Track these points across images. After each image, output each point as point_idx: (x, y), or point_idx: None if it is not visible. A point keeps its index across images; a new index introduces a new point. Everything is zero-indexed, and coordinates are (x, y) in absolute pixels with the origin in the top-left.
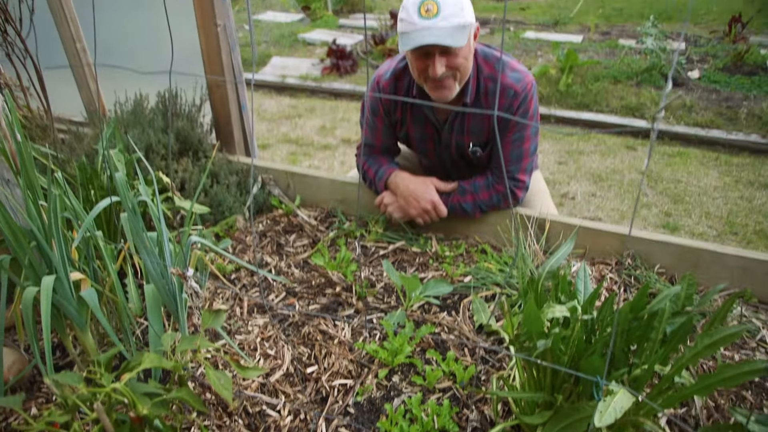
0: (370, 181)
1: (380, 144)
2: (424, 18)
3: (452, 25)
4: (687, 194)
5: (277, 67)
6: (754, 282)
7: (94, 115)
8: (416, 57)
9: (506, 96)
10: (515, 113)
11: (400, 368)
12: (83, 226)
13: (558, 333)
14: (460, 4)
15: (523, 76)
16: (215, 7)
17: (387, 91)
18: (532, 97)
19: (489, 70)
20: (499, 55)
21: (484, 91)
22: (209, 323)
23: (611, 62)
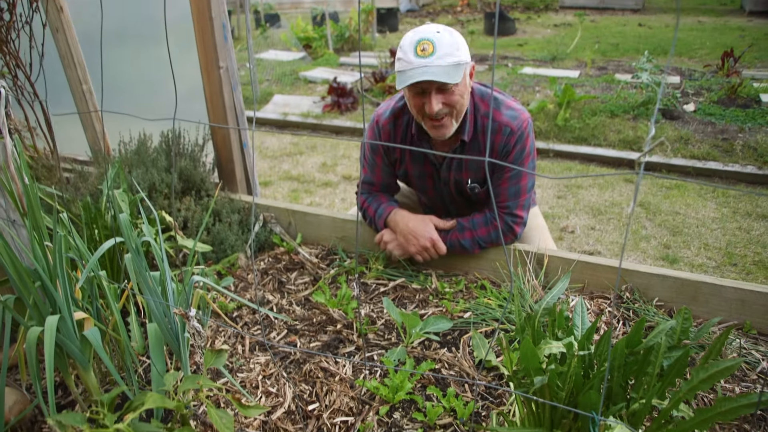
0: (370, 219)
1: (379, 182)
2: (420, 57)
3: (447, 64)
4: (685, 226)
5: (278, 104)
6: (752, 314)
7: (99, 154)
8: (413, 95)
9: (503, 133)
10: (512, 150)
11: (401, 405)
12: (88, 266)
13: (554, 369)
14: (456, 44)
15: (519, 114)
16: (218, 50)
17: (386, 130)
18: (528, 135)
19: (485, 108)
20: (495, 93)
21: (481, 129)
22: (211, 363)
23: (608, 96)
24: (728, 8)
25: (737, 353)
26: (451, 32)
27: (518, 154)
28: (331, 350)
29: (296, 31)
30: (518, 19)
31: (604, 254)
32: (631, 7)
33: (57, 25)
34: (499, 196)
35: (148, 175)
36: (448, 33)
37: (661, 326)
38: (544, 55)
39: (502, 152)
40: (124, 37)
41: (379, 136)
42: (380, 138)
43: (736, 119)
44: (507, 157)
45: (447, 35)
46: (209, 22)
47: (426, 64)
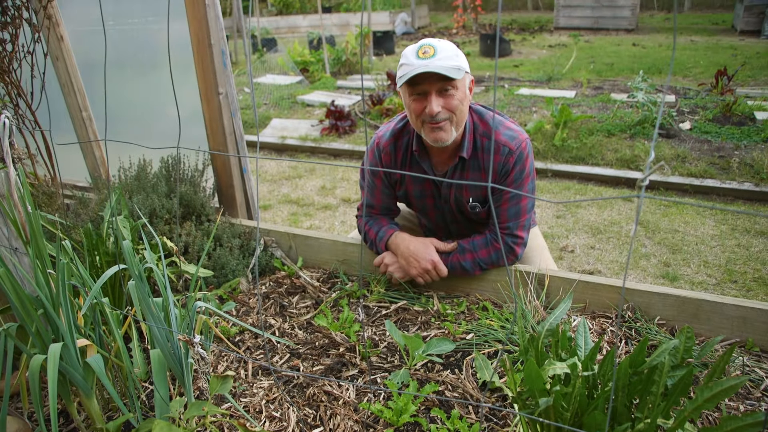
0: (371, 242)
1: (379, 204)
2: (421, 58)
3: (447, 65)
4: (685, 244)
5: (276, 128)
6: (754, 331)
7: (99, 181)
8: (414, 99)
9: (501, 153)
10: (511, 171)
11: (406, 428)
12: (91, 293)
13: (559, 390)
14: (456, 51)
15: (518, 135)
16: (217, 77)
17: (387, 151)
18: (527, 156)
19: (484, 128)
20: (493, 114)
21: (480, 147)
22: (217, 389)
23: (604, 116)
24: (720, 27)
25: (740, 371)
26: (452, 43)
27: (518, 174)
28: (334, 374)
29: (293, 56)
30: (513, 41)
31: (604, 273)
32: (624, 27)
33: (57, 54)
34: (500, 216)
35: (148, 201)
36: (448, 43)
37: (664, 345)
38: (540, 75)
39: (501, 172)
40: (123, 64)
41: (379, 158)
42: (381, 160)
43: (731, 137)
44: (506, 177)
45: (448, 43)
46: (208, 49)
47: (427, 63)
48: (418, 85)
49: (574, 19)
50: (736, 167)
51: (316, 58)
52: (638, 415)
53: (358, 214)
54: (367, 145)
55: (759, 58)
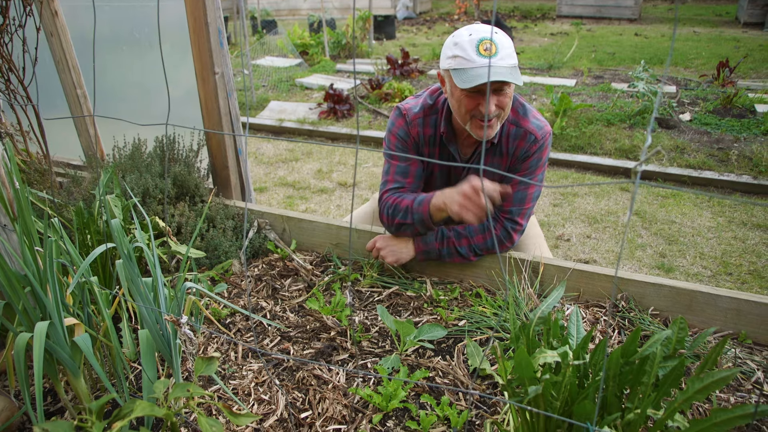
0: (405, 210)
1: (411, 182)
2: (484, 56)
3: (510, 65)
4: (681, 235)
5: (274, 111)
6: (748, 323)
7: (93, 159)
8: (468, 96)
9: (527, 140)
10: (530, 157)
11: (395, 413)
12: (79, 271)
13: (549, 379)
14: (511, 46)
15: (544, 125)
16: (213, 56)
17: (416, 124)
18: (547, 146)
19: (513, 115)
20: (522, 101)
21: (506, 133)
22: (202, 370)
23: (604, 105)
24: (723, 19)
25: (732, 363)
26: (503, 34)
27: (534, 162)
28: (324, 358)
29: (293, 38)
30: (515, 28)
31: (599, 263)
32: (627, 17)
33: (51, 30)
34: (505, 200)
35: (141, 181)
36: (502, 34)
37: (656, 336)
38: (541, 63)
39: (521, 157)
40: (120, 42)
41: (408, 129)
42: (409, 131)
43: (731, 129)
44: (524, 162)
45: (503, 36)
46: (205, 28)
47: (492, 64)
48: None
49: (576, 8)
50: (734, 159)
51: (315, 41)
52: (629, 405)
53: (386, 188)
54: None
55: (762, 50)
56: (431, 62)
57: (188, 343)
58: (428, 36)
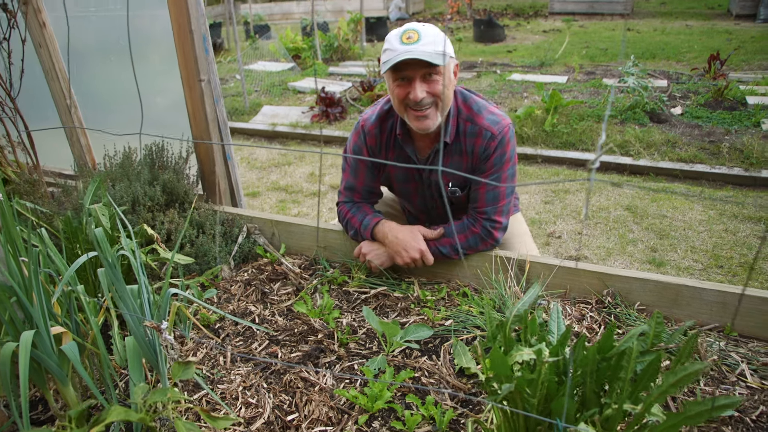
0: (355, 231)
1: (362, 186)
2: (405, 44)
3: (431, 50)
4: (672, 229)
5: (267, 115)
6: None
7: (84, 168)
8: (397, 84)
9: (483, 137)
10: (492, 154)
11: (381, 414)
12: (63, 280)
13: (522, 377)
14: (441, 36)
15: (501, 119)
16: (198, 63)
17: (372, 134)
18: (509, 140)
19: (468, 112)
20: (477, 98)
21: (463, 132)
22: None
23: (595, 101)
24: (716, 12)
25: (717, 356)
26: (436, 28)
27: (497, 158)
28: (311, 360)
29: (285, 42)
30: (508, 26)
31: (590, 259)
32: (620, 12)
33: (40, 41)
34: (478, 200)
35: (131, 189)
36: (432, 27)
37: (632, 331)
38: (533, 61)
39: (482, 156)
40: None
41: (365, 141)
42: (366, 142)
43: (722, 122)
44: (486, 161)
45: (432, 28)
46: (189, 35)
47: (411, 49)
48: (402, 70)
49: (569, 4)
50: (726, 152)
51: (308, 44)
52: (607, 401)
53: (339, 201)
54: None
55: (754, 42)
56: None
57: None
58: None
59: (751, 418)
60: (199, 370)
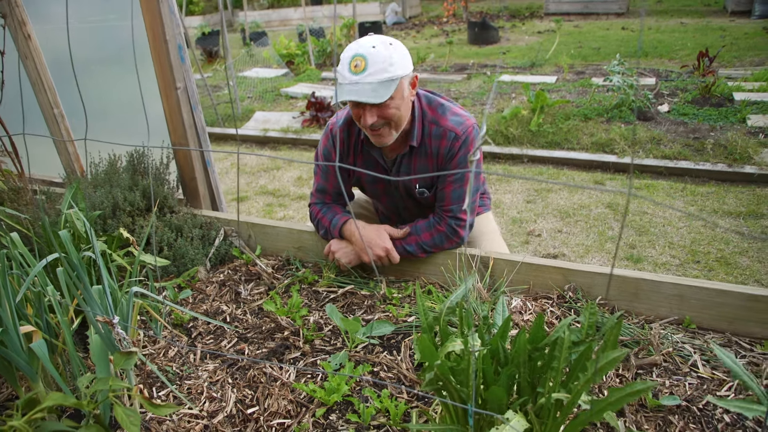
0: (325, 230)
1: (332, 189)
2: (352, 73)
3: (377, 81)
4: (652, 225)
5: (259, 121)
6: (690, 308)
7: (72, 176)
8: (352, 106)
9: (447, 138)
10: (456, 155)
11: (338, 407)
12: (27, 280)
13: (442, 364)
14: (389, 59)
15: (464, 120)
16: (174, 71)
17: (340, 138)
18: (473, 140)
19: (432, 114)
20: (441, 101)
21: (428, 134)
22: (121, 365)
23: (582, 101)
24: (711, 9)
25: (672, 348)
26: (388, 46)
27: (462, 158)
28: (277, 356)
29: (278, 49)
30: (503, 27)
31: (569, 256)
32: (615, 11)
33: (26, 53)
34: (443, 199)
35: (111, 194)
36: (384, 47)
37: (562, 321)
38: (524, 62)
39: (447, 156)
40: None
41: (333, 144)
42: (335, 146)
43: (708, 118)
44: (451, 161)
45: (382, 49)
46: (164, 45)
47: (357, 81)
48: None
49: (563, 5)
50: (710, 148)
51: (301, 50)
52: (540, 390)
53: (311, 202)
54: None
55: (747, 38)
56: (415, 66)
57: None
58: (416, 40)
59: (698, 407)
60: (170, 366)
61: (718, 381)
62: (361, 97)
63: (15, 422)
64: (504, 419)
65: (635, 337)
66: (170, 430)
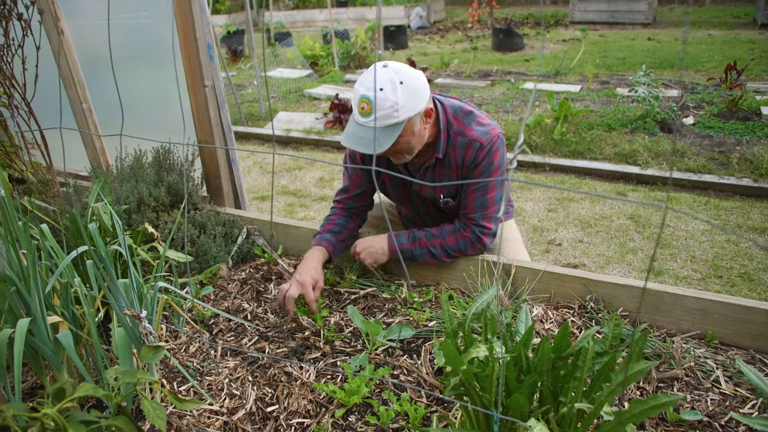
0: None
1: (354, 188)
2: (360, 114)
3: (381, 126)
4: (674, 239)
5: (282, 121)
6: (713, 323)
7: (97, 170)
8: None
9: (472, 148)
10: (480, 164)
11: (357, 408)
12: (57, 272)
13: (468, 369)
14: (395, 105)
15: (490, 130)
16: (203, 69)
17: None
18: (497, 150)
19: (458, 126)
20: (468, 109)
21: (453, 144)
22: (148, 358)
23: (606, 111)
24: (740, 21)
25: (694, 362)
26: (396, 87)
27: (485, 167)
28: (297, 356)
29: (303, 50)
30: (527, 35)
31: (589, 266)
32: (641, 21)
33: (58, 48)
34: (467, 207)
35: (137, 189)
36: (391, 89)
37: (588, 331)
38: (549, 70)
39: (471, 165)
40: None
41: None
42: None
43: (734, 132)
44: (474, 169)
45: (389, 93)
46: (194, 43)
47: (363, 124)
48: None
49: (589, 14)
50: (735, 162)
51: (325, 51)
52: (562, 399)
53: (334, 199)
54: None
55: None
56: (439, 71)
57: (149, 336)
58: (440, 45)
59: (720, 423)
60: (191, 362)
61: (741, 398)
62: (359, 147)
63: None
64: (527, 426)
65: (657, 350)
66: (190, 425)
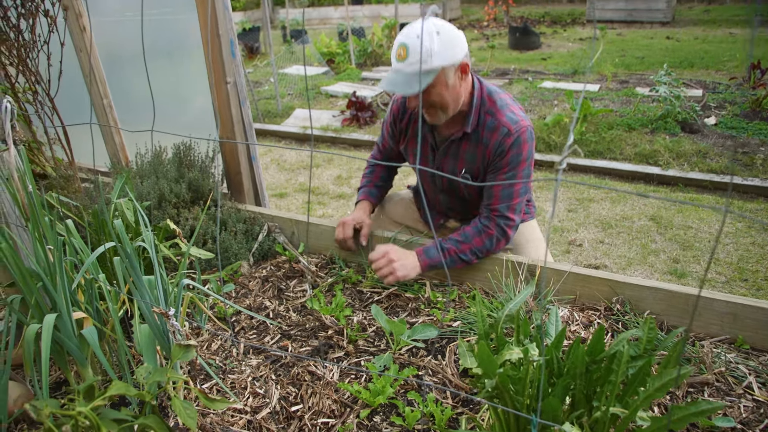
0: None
1: (385, 147)
2: (397, 60)
3: (414, 71)
4: (697, 240)
5: (299, 118)
6: (744, 328)
7: (118, 166)
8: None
9: (500, 133)
10: (507, 152)
11: (382, 409)
12: (83, 268)
13: (504, 372)
14: (429, 51)
15: (519, 120)
16: (225, 66)
17: (399, 104)
18: (526, 141)
19: (491, 105)
20: (505, 96)
21: (483, 123)
22: (179, 357)
23: (626, 110)
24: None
25: (724, 367)
26: (433, 36)
27: (513, 157)
28: (320, 355)
29: (319, 47)
30: (544, 33)
31: (610, 268)
32: (660, 20)
33: (80, 45)
34: (492, 197)
35: (158, 185)
36: (427, 37)
37: (622, 335)
38: (566, 69)
39: (497, 151)
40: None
41: (391, 108)
42: (392, 110)
43: (759, 132)
44: (502, 158)
45: (426, 39)
46: (217, 39)
47: (399, 69)
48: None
49: (607, 12)
50: (759, 164)
51: (342, 49)
52: (596, 403)
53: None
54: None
55: None
56: None
57: (177, 333)
58: None
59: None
60: (213, 360)
61: None
62: (394, 87)
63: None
64: (563, 430)
65: (686, 355)
66: (214, 423)
